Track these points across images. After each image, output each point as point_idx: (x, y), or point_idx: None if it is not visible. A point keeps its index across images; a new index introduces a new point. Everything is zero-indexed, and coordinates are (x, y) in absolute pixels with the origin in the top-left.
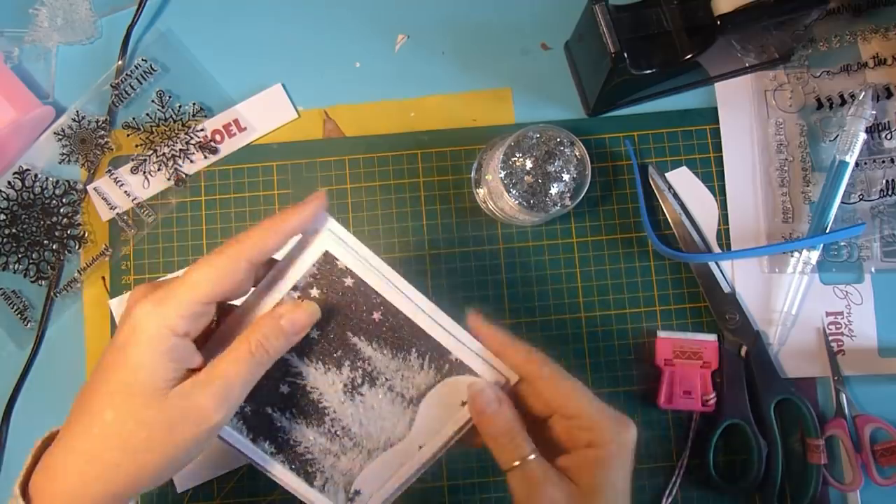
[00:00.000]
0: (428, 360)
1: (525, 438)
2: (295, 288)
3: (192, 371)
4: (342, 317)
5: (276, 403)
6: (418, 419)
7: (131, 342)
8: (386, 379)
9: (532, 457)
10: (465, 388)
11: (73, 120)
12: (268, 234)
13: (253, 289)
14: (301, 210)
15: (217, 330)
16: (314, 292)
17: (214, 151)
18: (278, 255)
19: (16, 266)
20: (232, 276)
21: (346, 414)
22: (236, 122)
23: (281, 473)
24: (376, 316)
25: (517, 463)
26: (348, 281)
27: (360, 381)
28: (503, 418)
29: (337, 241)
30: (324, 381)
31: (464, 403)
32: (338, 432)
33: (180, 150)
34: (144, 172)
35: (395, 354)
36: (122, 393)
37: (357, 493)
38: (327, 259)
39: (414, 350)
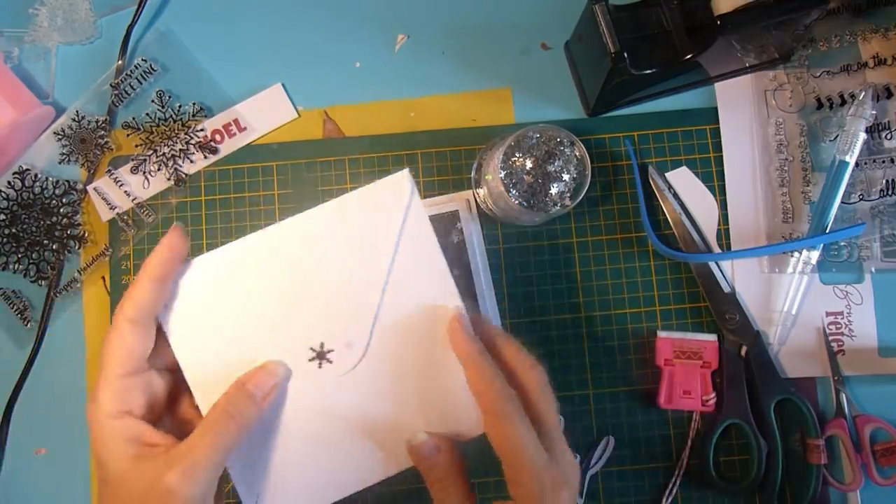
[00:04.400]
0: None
1: (465, 489)
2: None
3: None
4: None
5: None
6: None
7: (92, 440)
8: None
9: None
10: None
11: (73, 120)
12: (143, 290)
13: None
14: (158, 253)
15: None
16: None
17: (214, 151)
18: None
19: (16, 266)
20: (130, 342)
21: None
22: (236, 122)
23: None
24: None
25: None
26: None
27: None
28: (443, 464)
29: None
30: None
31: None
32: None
33: (180, 150)
34: (144, 172)
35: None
36: (101, 484)
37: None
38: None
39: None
